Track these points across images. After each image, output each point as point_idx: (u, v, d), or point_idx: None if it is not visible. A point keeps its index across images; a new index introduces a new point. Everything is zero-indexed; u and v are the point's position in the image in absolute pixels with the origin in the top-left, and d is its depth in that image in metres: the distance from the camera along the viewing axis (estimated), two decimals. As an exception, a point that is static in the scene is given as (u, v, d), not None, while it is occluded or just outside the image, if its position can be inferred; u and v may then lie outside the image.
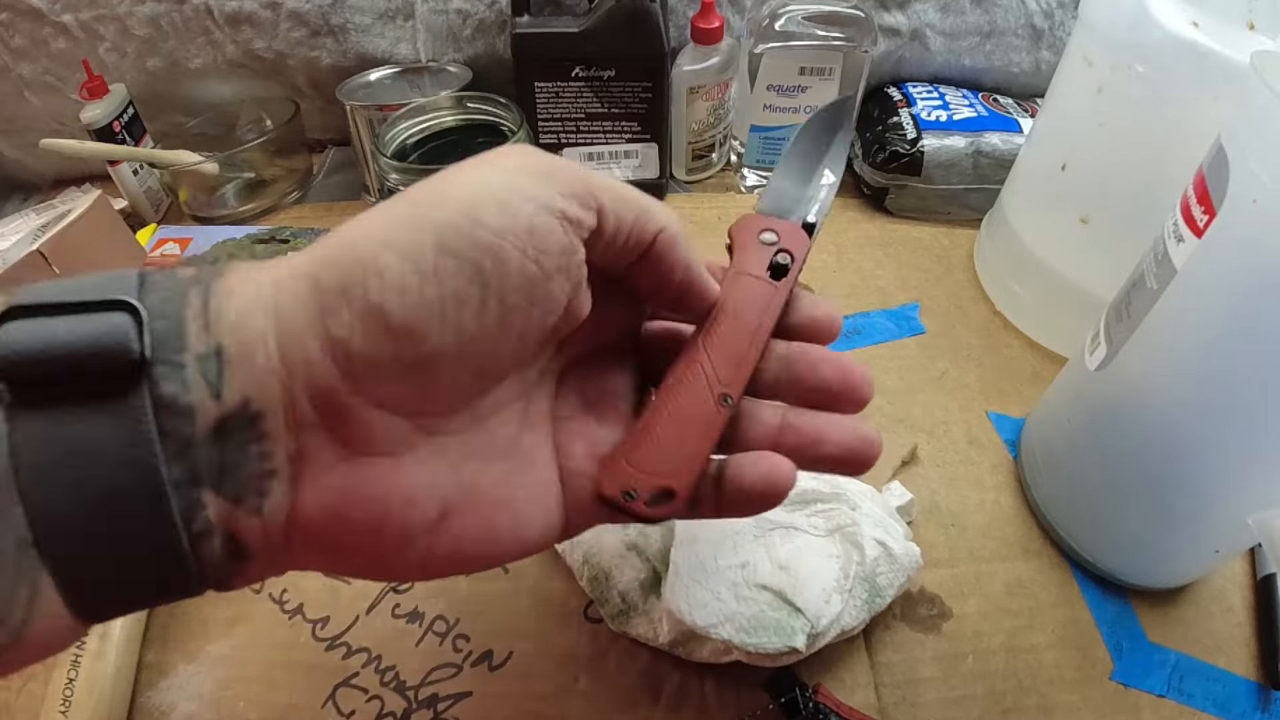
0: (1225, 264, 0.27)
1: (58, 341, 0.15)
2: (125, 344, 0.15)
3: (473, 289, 0.18)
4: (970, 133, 0.55)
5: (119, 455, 0.15)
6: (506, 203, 0.18)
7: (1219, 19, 0.35)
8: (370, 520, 0.18)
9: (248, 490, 0.17)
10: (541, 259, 0.19)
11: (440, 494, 0.19)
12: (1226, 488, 0.31)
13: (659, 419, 0.22)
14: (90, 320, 0.15)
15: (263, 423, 0.17)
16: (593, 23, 0.52)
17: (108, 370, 0.15)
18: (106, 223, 0.48)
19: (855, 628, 0.32)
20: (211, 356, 0.16)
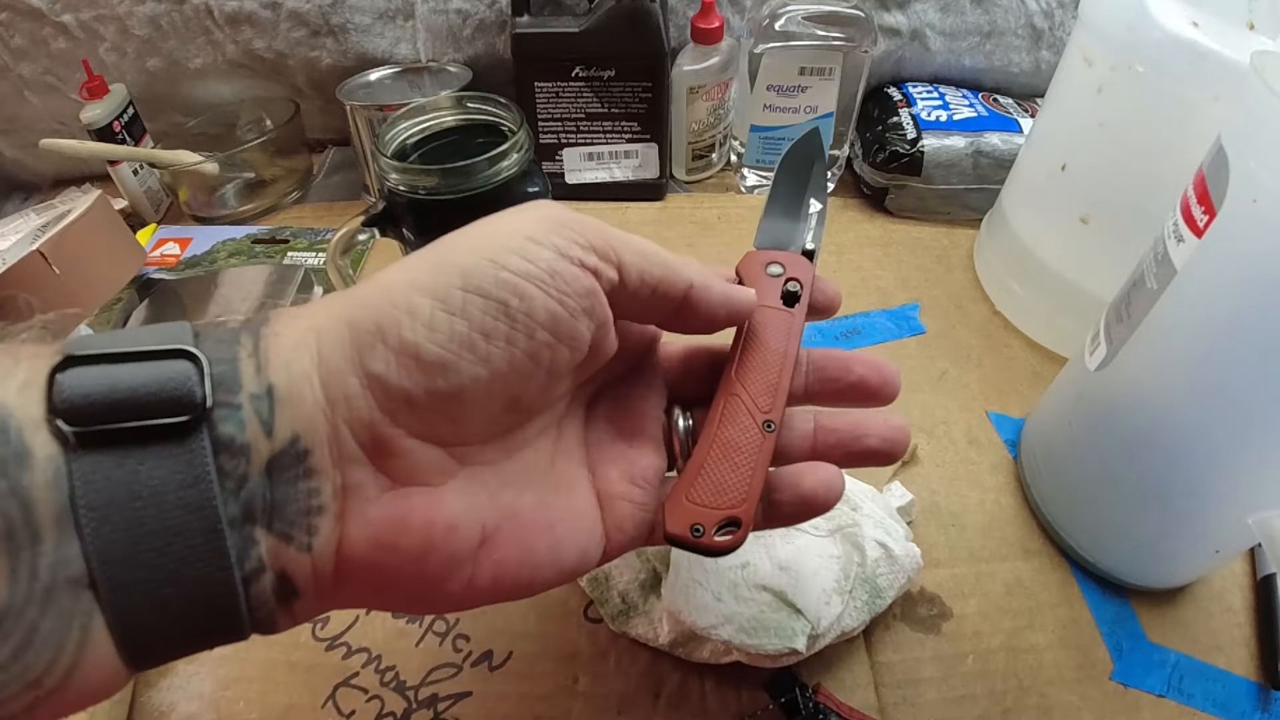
0: (1225, 264, 0.27)
1: (123, 386, 0.16)
2: (189, 388, 0.16)
3: (500, 324, 0.19)
4: (970, 133, 0.55)
5: (178, 496, 0.16)
6: (527, 249, 0.19)
7: (1219, 19, 0.35)
8: (416, 548, 0.19)
9: (297, 527, 0.17)
10: (565, 300, 0.20)
11: (480, 519, 0.20)
12: (1226, 488, 0.31)
13: (711, 454, 0.24)
14: (154, 367, 0.16)
15: (310, 459, 0.17)
16: (593, 23, 0.52)
17: (172, 413, 0.16)
18: (106, 223, 0.48)
19: (855, 629, 0.32)
20: (264, 396, 0.17)
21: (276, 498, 0.17)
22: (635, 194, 0.61)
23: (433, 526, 0.19)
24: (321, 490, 0.18)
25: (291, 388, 0.17)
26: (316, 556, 0.18)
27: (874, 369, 0.26)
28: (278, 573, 0.17)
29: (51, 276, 0.43)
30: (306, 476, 0.17)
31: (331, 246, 0.39)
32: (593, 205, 0.61)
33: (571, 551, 0.22)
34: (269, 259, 0.56)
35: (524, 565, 0.21)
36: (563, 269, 0.20)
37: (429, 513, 0.19)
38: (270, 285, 0.50)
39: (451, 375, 0.18)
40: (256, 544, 0.17)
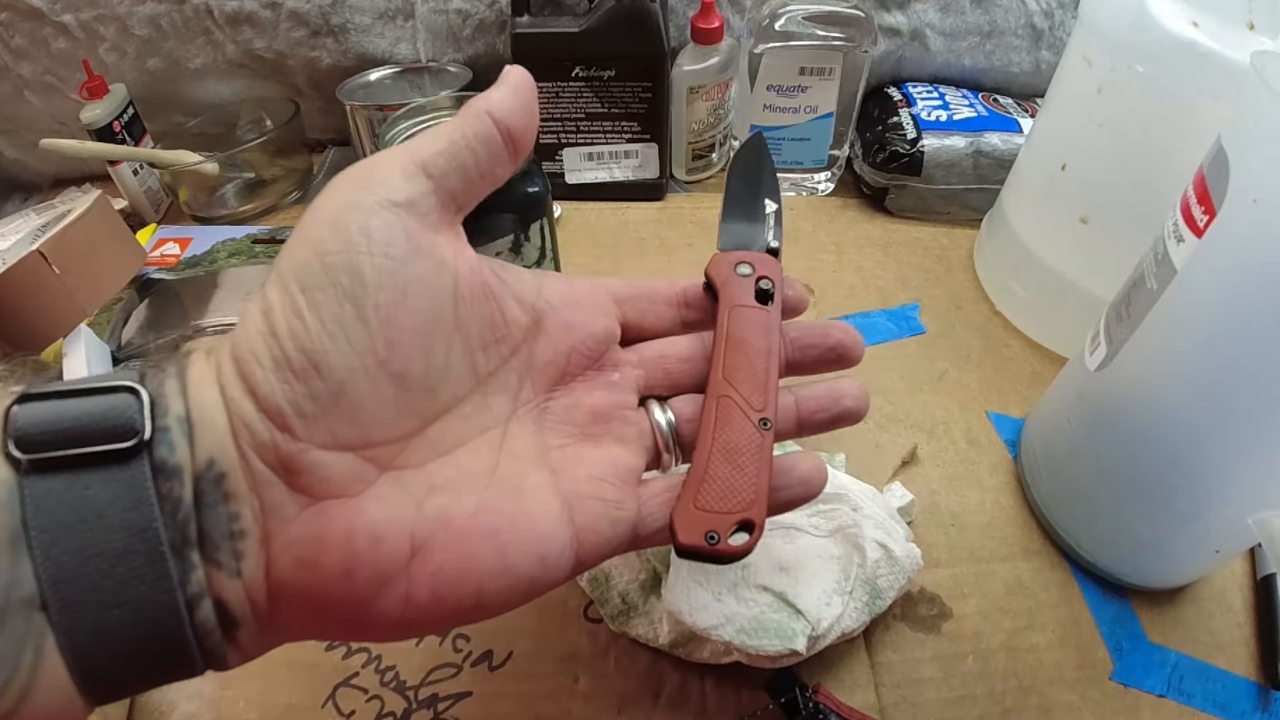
0: (1225, 264, 0.27)
1: (69, 416, 0.17)
2: (129, 417, 0.17)
3: (345, 306, 0.19)
4: (970, 133, 0.55)
5: (121, 518, 0.16)
6: (336, 221, 0.19)
7: (1219, 19, 0.35)
8: (339, 564, 0.18)
9: (224, 552, 0.18)
10: (390, 250, 0.19)
11: (407, 528, 0.19)
12: (1226, 488, 0.31)
13: (713, 458, 0.24)
14: (99, 400, 0.17)
15: (227, 482, 0.18)
16: (593, 23, 0.52)
17: (114, 439, 0.17)
18: (106, 223, 0.48)
19: (855, 630, 0.32)
20: (184, 419, 0.18)
21: (204, 521, 0.17)
22: (635, 194, 0.61)
23: (354, 539, 0.18)
24: (241, 514, 0.18)
25: (204, 414, 0.18)
26: (247, 583, 0.18)
27: (846, 332, 0.27)
28: (215, 600, 0.17)
29: (51, 276, 0.43)
30: (226, 500, 0.18)
31: (331, 246, 0.39)
32: (593, 205, 0.61)
33: (525, 559, 0.20)
34: (269, 259, 0.56)
35: (467, 576, 0.20)
36: (372, 223, 0.19)
37: (348, 524, 0.18)
38: (270, 285, 0.50)
39: (325, 372, 0.18)
40: (195, 568, 0.17)
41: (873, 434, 0.43)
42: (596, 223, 0.59)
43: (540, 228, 0.41)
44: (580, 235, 0.58)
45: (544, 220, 0.41)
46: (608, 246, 0.57)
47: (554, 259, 0.44)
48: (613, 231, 0.58)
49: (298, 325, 0.18)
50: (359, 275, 0.19)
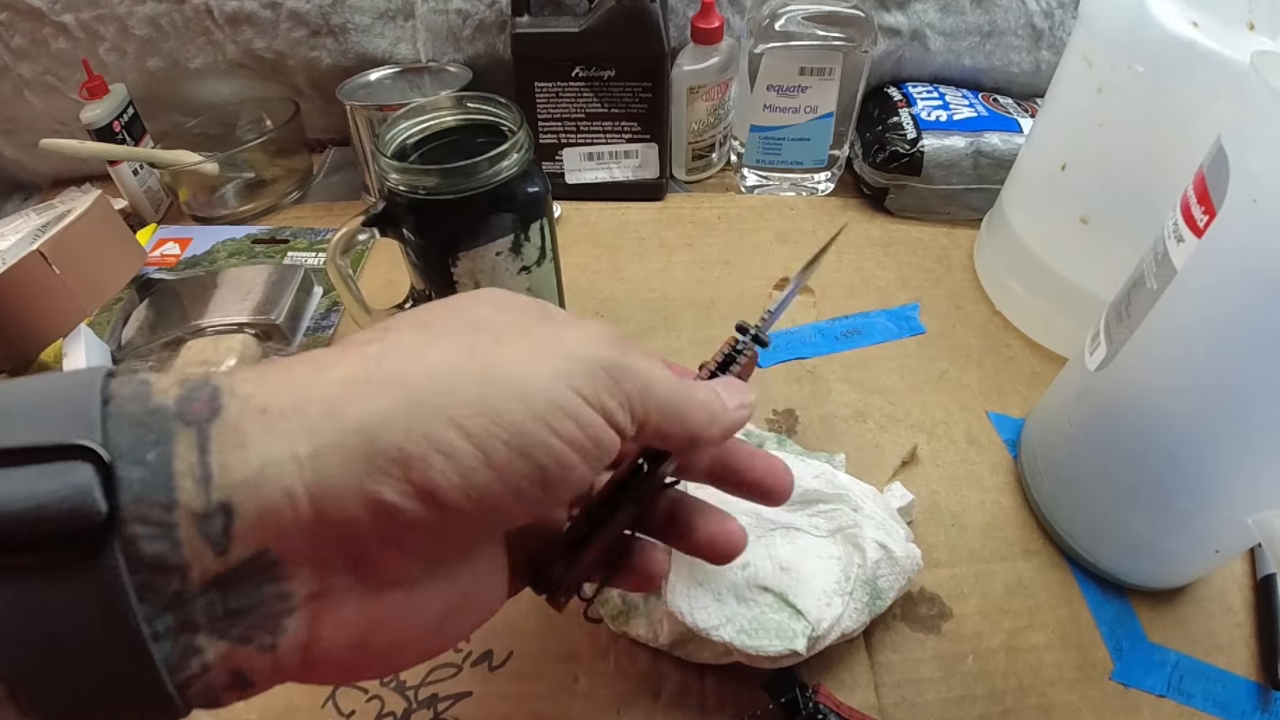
0: (1225, 264, 0.27)
1: (12, 506, 0.13)
2: (88, 505, 0.13)
3: (533, 489, 0.18)
4: (970, 133, 0.55)
5: (90, 615, 0.14)
6: (580, 412, 0.18)
7: (1219, 19, 0.35)
8: (390, 645, 0.19)
9: (260, 630, 0.16)
10: (596, 465, 0.19)
11: (444, 605, 0.20)
12: (1226, 488, 0.31)
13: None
14: (44, 474, 0.13)
15: (280, 568, 0.16)
16: (593, 23, 0.52)
17: (70, 536, 0.13)
18: (106, 223, 0.48)
19: (856, 630, 0.32)
20: (216, 515, 0.15)
21: (232, 606, 0.15)
22: (635, 194, 0.61)
23: (405, 628, 0.19)
24: (293, 594, 0.16)
25: (263, 508, 0.15)
26: (280, 655, 0.16)
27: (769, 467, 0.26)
28: (231, 670, 0.16)
29: (51, 276, 0.43)
30: (275, 582, 0.16)
31: (331, 246, 0.39)
32: (593, 205, 0.61)
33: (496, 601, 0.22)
34: (269, 259, 0.56)
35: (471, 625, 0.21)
36: (604, 437, 0.19)
37: (403, 615, 0.18)
38: (270, 285, 0.50)
39: (467, 522, 0.17)
40: (199, 651, 0.15)
41: (873, 434, 0.43)
42: (596, 223, 0.59)
43: (540, 228, 0.41)
44: (580, 235, 0.58)
45: (544, 220, 0.41)
46: (607, 246, 0.57)
47: (554, 259, 0.44)
48: (613, 231, 0.58)
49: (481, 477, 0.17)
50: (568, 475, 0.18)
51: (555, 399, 0.18)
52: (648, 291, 0.53)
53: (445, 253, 0.39)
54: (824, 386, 0.46)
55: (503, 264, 0.41)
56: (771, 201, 0.61)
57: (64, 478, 0.13)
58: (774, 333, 0.50)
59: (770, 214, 0.60)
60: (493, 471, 0.17)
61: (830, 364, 0.48)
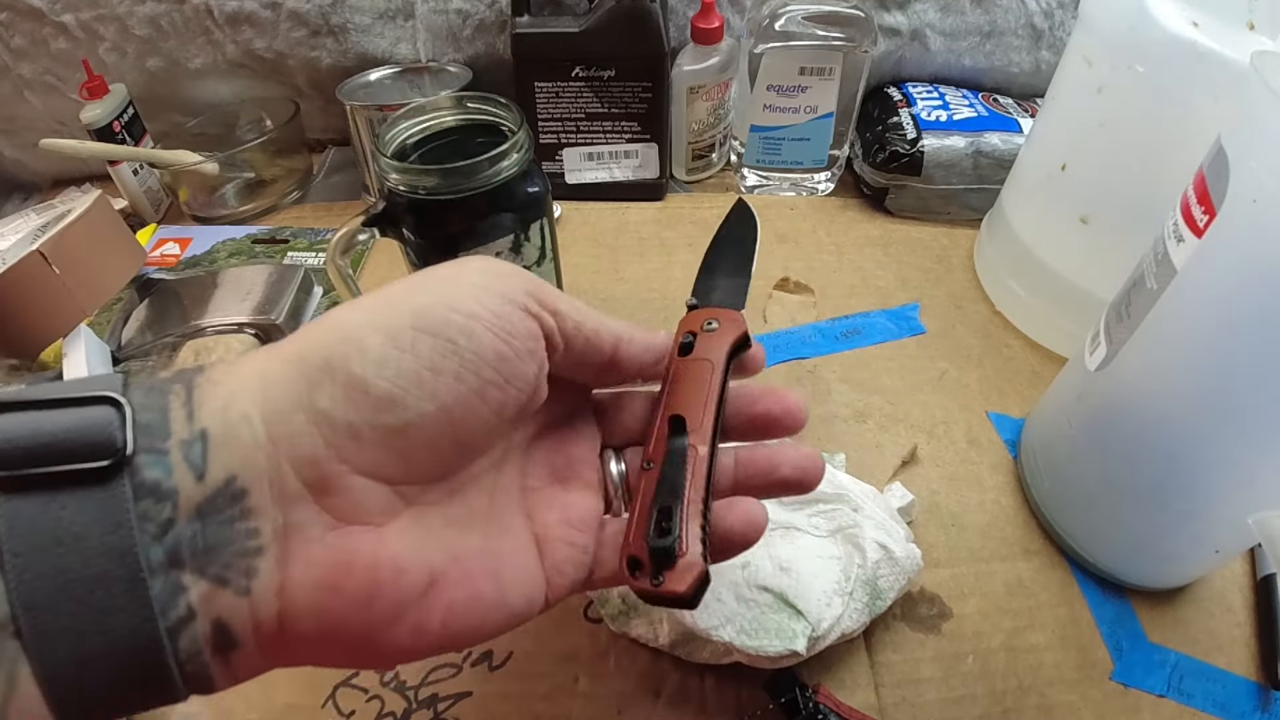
0: (1225, 264, 0.27)
1: (44, 431, 0.16)
2: (109, 433, 0.16)
3: (449, 361, 0.19)
4: (970, 133, 0.55)
5: (99, 542, 0.16)
6: (476, 294, 0.20)
7: (1219, 19, 0.35)
8: (362, 590, 0.18)
9: (234, 570, 0.17)
10: (511, 340, 0.21)
11: (427, 562, 0.20)
12: (1226, 488, 0.31)
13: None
14: (75, 413, 0.16)
15: (247, 499, 0.17)
16: (593, 23, 0.52)
17: (92, 457, 0.16)
18: (106, 223, 0.48)
19: (855, 630, 0.32)
20: (195, 441, 0.17)
21: (210, 540, 0.17)
22: (635, 194, 0.61)
23: (379, 568, 0.19)
24: (261, 530, 0.17)
25: (229, 430, 0.17)
26: (256, 600, 0.17)
27: (777, 400, 0.27)
28: (213, 620, 0.17)
29: (51, 276, 0.43)
30: (244, 516, 0.17)
31: (331, 246, 0.39)
32: (593, 205, 0.61)
33: (517, 595, 0.22)
34: (269, 259, 0.56)
35: (472, 609, 0.21)
36: (508, 313, 0.21)
37: (375, 553, 0.19)
38: (270, 285, 0.50)
39: (399, 410, 0.19)
40: (184, 590, 0.16)
41: (873, 434, 0.43)
42: (596, 223, 0.59)
43: (540, 227, 0.41)
44: (580, 235, 0.58)
45: (544, 220, 0.41)
46: (607, 246, 0.57)
47: (554, 259, 0.44)
48: (612, 231, 0.58)
49: (395, 357, 0.19)
50: (479, 344, 0.20)
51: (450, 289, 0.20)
52: (648, 291, 0.53)
53: (445, 253, 0.39)
54: (824, 386, 0.46)
55: (503, 264, 0.41)
56: (771, 201, 0.61)
57: (94, 415, 0.16)
58: (774, 333, 0.50)
59: (770, 214, 0.60)
60: (403, 353, 0.19)
61: (830, 364, 0.48)
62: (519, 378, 0.21)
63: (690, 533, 0.22)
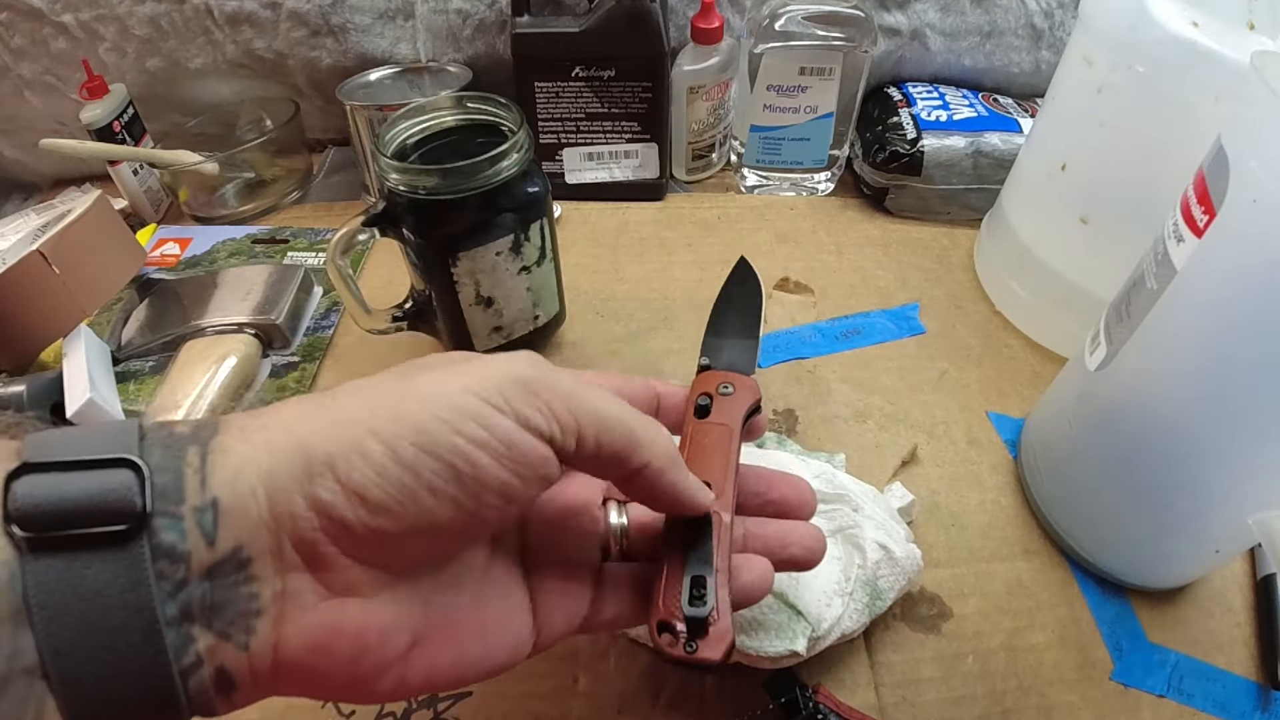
0: (1225, 264, 0.27)
1: (70, 495, 0.17)
2: (129, 499, 0.17)
3: (449, 487, 0.19)
4: (970, 133, 0.55)
5: (120, 598, 0.17)
6: (485, 415, 0.20)
7: (1219, 19, 0.35)
8: (348, 652, 0.20)
9: (236, 627, 0.18)
10: (519, 471, 0.20)
11: (412, 625, 0.21)
12: (1226, 488, 0.31)
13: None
14: (98, 477, 0.17)
15: (251, 566, 0.18)
16: (593, 23, 0.52)
17: (113, 521, 0.17)
18: (106, 223, 0.48)
19: (855, 630, 0.32)
20: (208, 509, 0.18)
21: (217, 600, 0.18)
22: (635, 194, 0.61)
23: (366, 634, 0.20)
24: (261, 595, 0.18)
25: (236, 502, 0.18)
26: (254, 654, 0.18)
27: (794, 489, 0.28)
28: (217, 667, 0.18)
29: (51, 276, 0.43)
30: (247, 582, 0.18)
31: (331, 246, 0.39)
32: (593, 205, 0.61)
33: (501, 650, 0.23)
34: (269, 259, 0.56)
35: (455, 665, 0.22)
36: (519, 440, 0.20)
37: (363, 621, 0.20)
38: (270, 285, 0.50)
39: (394, 520, 0.19)
40: (194, 641, 0.18)
41: (873, 434, 0.43)
42: (596, 223, 0.59)
43: (540, 228, 0.41)
44: (580, 235, 0.58)
45: (544, 220, 0.41)
46: (607, 246, 0.57)
47: (554, 259, 0.44)
48: (612, 231, 0.58)
49: (395, 473, 0.19)
50: (482, 474, 0.20)
51: (458, 405, 0.20)
52: (648, 291, 0.53)
53: (445, 253, 0.39)
54: (824, 386, 0.46)
55: (503, 264, 0.41)
56: (771, 201, 0.61)
57: (115, 480, 0.17)
58: (774, 333, 0.50)
59: (770, 214, 0.60)
60: (404, 469, 0.19)
61: (830, 364, 0.48)
62: (523, 500, 0.21)
63: (722, 600, 0.23)
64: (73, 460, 0.17)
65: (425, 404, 0.20)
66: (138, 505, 0.17)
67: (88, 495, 0.17)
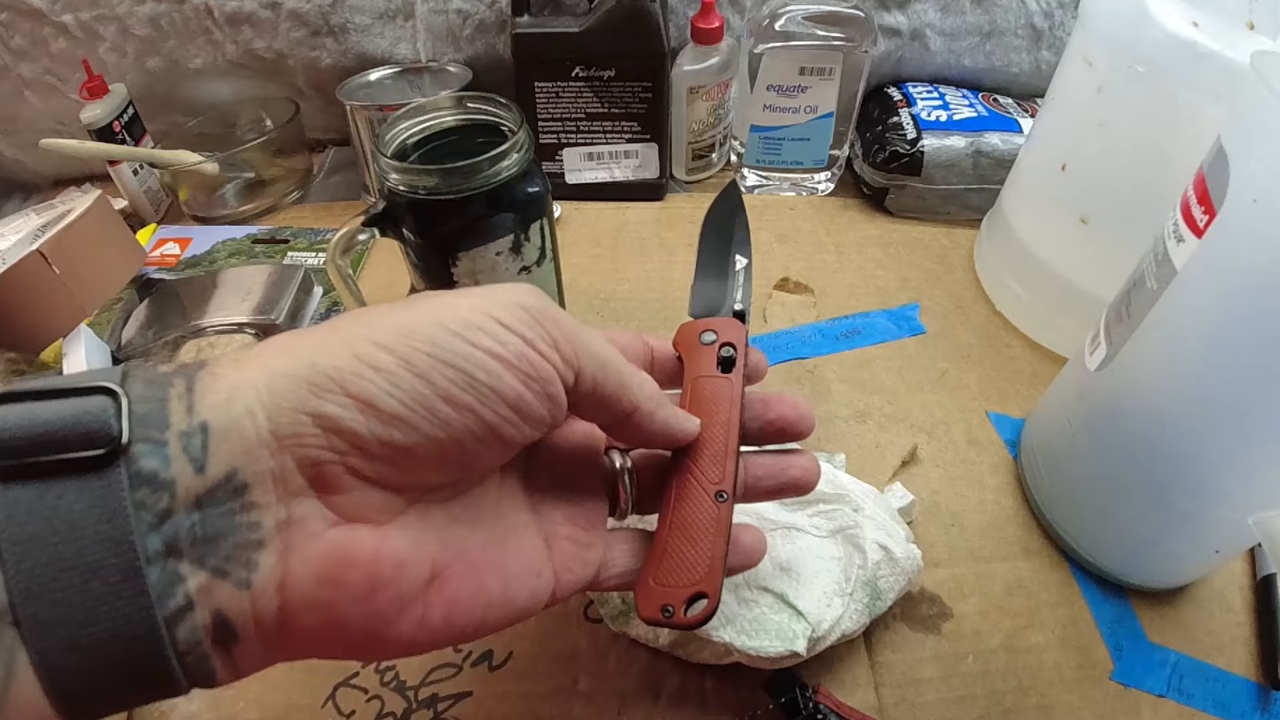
0: (1225, 264, 0.27)
1: (40, 421, 0.16)
2: (105, 421, 0.16)
3: (465, 395, 0.19)
4: (970, 133, 0.55)
5: (95, 530, 0.16)
6: (497, 331, 0.20)
7: (1219, 19, 0.35)
8: (363, 583, 0.18)
9: (234, 562, 0.17)
10: (530, 383, 0.20)
11: (429, 555, 0.20)
12: (1226, 488, 0.31)
13: (671, 535, 0.25)
14: (73, 403, 0.16)
15: (249, 493, 0.17)
16: (593, 23, 0.52)
17: (87, 446, 0.16)
18: (106, 223, 0.48)
19: (856, 631, 0.32)
20: (195, 433, 0.17)
21: (210, 531, 0.17)
22: (635, 194, 0.61)
23: (380, 561, 0.19)
24: (262, 524, 0.17)
25: (230, 424, 0.17)
26: (257, 593, 0.17)
27: (791, 407, 0.28)
28: (213, 612, 0.17)
29: (51, 276, 0.43)
30: (245, 510, 0.17)
31: (331, 246, 0.39)
32: (593, 205, 0.61)
33: (523, 590, 0.22)
34: (269, 259, 0.56)
35: (476, 603, 0.21)
36: (529, 355, 0.20)
37: (376, 547, 0.19)
38: (270, 285, 0.50)
39: (408, 431, 0.18)
40: (183, 580, 0.16)
41: (873, 434, 0.43)
42: (596, 223, 0.59)
43: (540, 227, 0.41)
44: (580, 235, 0.58)
45: (544, 220, 0.41)
46: (607, 246, 0.57)
47: (554, 259, 0.44)
48: (612, 231, 0.58)
49: (407, 380, 0.18)
50: (498, 382, 0.19)
51: (470, 319, 0.20)
52: (648, 291, 0.53)
53: (445, 253, 0.39)
54: (824, 386, 0.46)
55: (503, 264, 0.41)
56: (771, 201, 0.61)
57: (91, 404, 0.16)
58: (774, 333, 0.50)
59: (770, 214, 0.60)
60: (419, 378, 0.18)
61: (830, 364, 0.48)
62: (535, 419, 0.21)
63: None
64: (48, 389, 0.16)
65: (434, 318, 0.19)
66: (113, 429, 0.16)
67: (61, 420, 0.16)
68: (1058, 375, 0.41)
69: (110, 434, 0.16)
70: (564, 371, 0.21)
